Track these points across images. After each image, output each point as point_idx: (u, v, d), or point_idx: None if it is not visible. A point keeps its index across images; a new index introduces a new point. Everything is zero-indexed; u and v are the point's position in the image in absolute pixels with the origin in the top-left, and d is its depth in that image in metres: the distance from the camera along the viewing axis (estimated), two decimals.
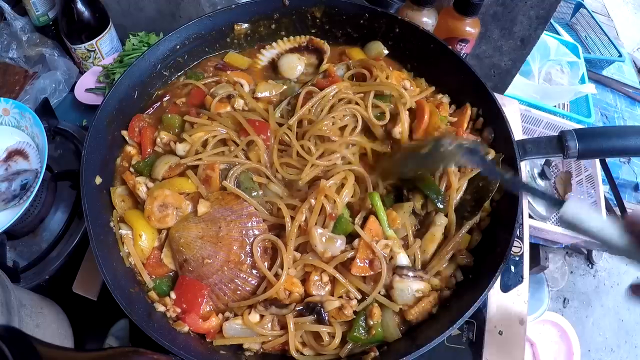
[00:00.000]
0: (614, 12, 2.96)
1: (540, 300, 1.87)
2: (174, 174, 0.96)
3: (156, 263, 0.90)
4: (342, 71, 1.13)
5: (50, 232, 1.09)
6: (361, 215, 0.91)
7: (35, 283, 1.03)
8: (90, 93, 1.42)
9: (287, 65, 1.15)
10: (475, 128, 1.06)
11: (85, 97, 1.40)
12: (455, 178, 0.94)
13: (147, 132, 1.01)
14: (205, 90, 1.09)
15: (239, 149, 0.97)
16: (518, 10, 1.30)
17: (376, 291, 0.84)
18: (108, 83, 1.41)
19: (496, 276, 0.81)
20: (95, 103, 1.37)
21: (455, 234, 0.90)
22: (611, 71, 2.48)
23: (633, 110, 2.36)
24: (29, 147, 1.11)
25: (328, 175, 0.94)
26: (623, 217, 1.82)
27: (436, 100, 1.10)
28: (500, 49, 1.43)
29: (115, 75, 1.39)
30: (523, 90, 1.91)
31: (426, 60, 1.15)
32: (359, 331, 0.83)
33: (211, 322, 0.85)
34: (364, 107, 1.03)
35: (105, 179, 0.94)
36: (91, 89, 1.42)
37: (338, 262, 0.86)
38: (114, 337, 0.99)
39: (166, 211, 0.90)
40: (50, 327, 0.93)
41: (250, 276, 0.88)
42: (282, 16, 1.18)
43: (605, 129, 1.08)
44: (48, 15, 1.47)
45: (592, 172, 1.89)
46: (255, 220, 0.90)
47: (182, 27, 1.08)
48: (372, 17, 1.16)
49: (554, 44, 2.05)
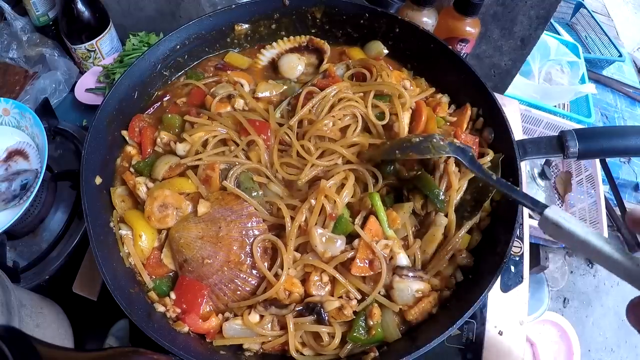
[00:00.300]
0: (614, 12, 2.96)
1: (540, 300, 1.87)
2: (174, 174, 0.96)
3: (156, 263, 0.90)
4: (342, 71, 1.13)
5: (50, 232, 1.09)
6: (361, 215, 0.91)
7: (35, 283, 1.03)
8: (91, 93, 1.42)
9: (287, 65, 1.15)
10: (475, 128, 1.06)
11: (85, 97, 1.40)
12: (456, 178, 0.94)
13: (147, 132, 1.01)
14: (205, 90, 1.09)
15: (239, 149, 0.97)
16: (518, 10, 1.30)
17: (376, 291, 0.84)
18: (108, 83, 1.41)
19: (496, 276, 0.81)
20: (95, 103, 1.38)
21: (455, 234, 0.90)
22: (611, 71, 2.48)
23: (633, 110, 2.36)
24: (29, 147, 1.11)
25: (328, 176, 0.94)
26: (624, 215, 1.83)
27: (435, 100, 1.10)
28: (500, 49, 1.44)
29: (116, 75, 1.39)
30: (523, 90, 1.91)
31: (426, 60, 1.15)
32: (359, 331, 0.83)
33: (211, 323, 0.85)
34: (364, 106, 1.03)
35: (105, 179, 0.94)
36: (91, 89, 1.42)
37: (338, 262, 0.86)
38: (114, 337, 0.99)
39: (166, 211, 0.90)
40: (50, 327, 0.93)
41: (250, 276, 0.88)
42: (282, 16, 1.18)
43: (606, 129, 1.08)
44: (48, 15, 1.47)
45: (592, 172, 1.89)
46: (255, 220, 0.90)
47: (182, 27, 1.08)
48: (372, 17, 1.16)
49: (554, 43, 2.05)
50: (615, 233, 1.90)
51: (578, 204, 1.90)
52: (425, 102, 1.09)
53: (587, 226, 0.63)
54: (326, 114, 1.01)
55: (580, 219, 1.85)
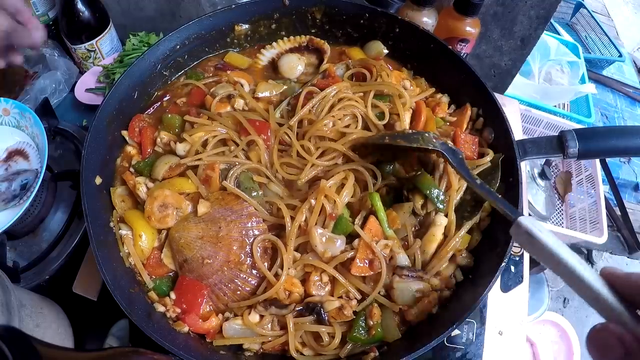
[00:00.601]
0: (614, 12, 2.96)
1: (540, 300, 1.86)
2: (174, 174, 0.96)
3: (156, 263, 0.90)
4: (341, 71, 1.13)
5: (50, 232, 1.09)
6: (361, 215, 0.91)
7: (35, 283, 1.03)
8: (90, 93, 1.42)
9: (287, 65, 1.15)
10: (475, 128, 1.06)
11: (85, 97, 1.40)
12: (456, 178, 0.94)
13: (147, 132, 1.01)
14: (205, 90, 1.09)
15: (239, 149, 0.97)
16: (518, 10, 1.30)
17: (376, 291, 0.84)
18: (108, 83, 1.41)
19: (496, 276, 0.81)
20: (95, 103, 1.37)
21: (455, 234, 0.90)
22: (611, 71, 2.48)
23: (633, 110, 2.36)
24: (29, 147, 1.11)
25: (328, 175, 0.94)
26: (624, 215, 1.83)
27: (435, 100, 1.10)
28: (500, 49, 1.44)
29: (116, 75, 1.39)
30: (523, 90, 1.91)
31: (426, 60, 1.15)
32: (359, 331, 0.83)
33: (211, 323, 0.85)
34: (364, 106, 1.03)
35: (105, 179, 0.94)
36: (91, 89, 1.42)
37: (338, 262, 0.86)
38: (114, 337, 0.99)
39: (166, 211, 0.90)
40: (50, 327, 0.93)
41: (250, 276, 0.88)
42: (282, 16, 1.18)
43: (606, 128, 1.08)
44: (48, 15, 1.47)
45: (592, 172, 1.90)
46: (255, 220, 0.90)
47: (182, 27, 1.08)
48: (372, 17, 1.16)
49: (554, 43, 2.05)
50: (615, 233, 1.90)
51: (578, 204, 1.90)
52: (425, 102, 1.09)
53: (560, 240, 0.57)
54: (326, 114, 1.01)
55: (580, 219, 1.85)
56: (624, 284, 0.50)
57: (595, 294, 0.50)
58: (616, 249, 1.89)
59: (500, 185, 0.94)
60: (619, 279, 0.50)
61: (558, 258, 0.55)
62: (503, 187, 0.94)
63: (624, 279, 0.50)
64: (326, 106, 1.02)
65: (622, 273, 0.50)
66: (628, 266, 2.68)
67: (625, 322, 0.47)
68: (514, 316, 1.01)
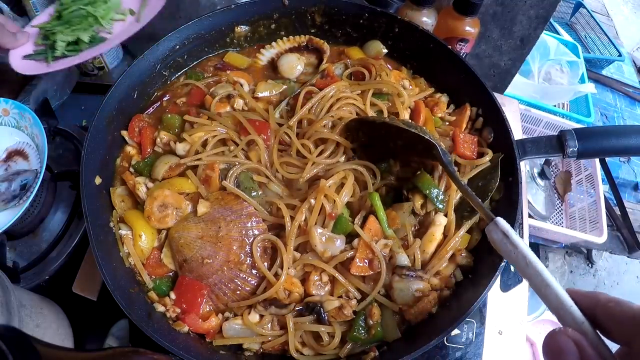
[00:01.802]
0: (613, 12, 2.96)
1: (540, 300, 1.86)
2: (174, 174, 0.96)
3: (156, 263, 0.90)
4: (340, 70, 1.13)
5: (50, 232, 1.09)
6: (361, 215, 0.91)
7: (35, 283, 1.03)
8: (30, 60, 1.22)
9: (286, 65, 1.15)
10: (474, 128, 1.06)
11: (24, 67, 1.21)
12: None
13: (147, 132, 1.01)
14: (205, 90, 1.09)
15: (239, 149, 0.97)
16: (518, 9, 1.30)
17: (376, 291, 0.85)
18: (48, 45, 1.21)
19: (496, 276, 0.81)
20: (38, 72, 1.21)
21: (455, 234, 0.90)
22: (611, 71, 2.48)
23: (633, 109, 2.36)
24: (28, 148, 1.11)
25: (328, 175, 0.94)
26: (624, 215, 1.83)
27: (434, 100, 1.10)
28: (500, 49, 1.44)
29: (57, 35, 1.20)
30: (523, 90, 1.91)
31: (425, 60, 1.15)
32: (359, 331, 0.83)
33: (211, 322, 0.85)
34: (363, 104, 1.03)
35: (105, 179, 0.94)
36: (30, 55, 1.23)
37: (338, 261, 0.86)
38: (114, 337, 0.99)
39: (166, 211, 0.90)
40: (50, 327, 0.93)
41: (250, 276, 0.88)
42: (282, 16, 1.18)
43: (605, 128, 1.08)
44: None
45: (592, 172, 1.90)
46: (255, 220, 0.90)
47: (182, 27, 1.08)
48: (371, 17, 1.16)
49: (554, 43, 2.06)
50: (615, 233, 1.90)
51: (578, 203, 1.90)
52: (424, 102, 1.09)
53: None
54: (325, 113, 1.01)
55: (580, 219, 1.85)
56: (588, 303, 0.49)
57: (560, 300, 0.51)
58: (616, 249, 1.89)
59: (500, 185, 0.94)
60: (582, 296, 0.50)
61: (529, 259, 0.59)
62: (503, 186, 0.94)
63: (587, 296, 0.50)
64: (325, 106, 1.02)
65: (585, 291, 0.51)
66: (628, 265, 2.68)
67: (585, 332, 0.47)
68: (514, 316, 1.01)
